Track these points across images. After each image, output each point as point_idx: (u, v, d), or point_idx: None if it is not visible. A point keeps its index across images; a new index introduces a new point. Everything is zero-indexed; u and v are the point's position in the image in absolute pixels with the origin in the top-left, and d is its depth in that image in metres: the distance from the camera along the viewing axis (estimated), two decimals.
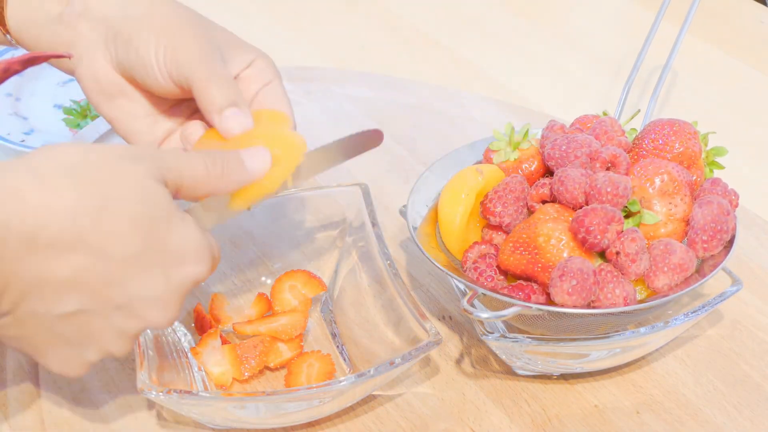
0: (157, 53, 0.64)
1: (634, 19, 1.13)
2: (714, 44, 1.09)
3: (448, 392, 0.70)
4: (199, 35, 0.65)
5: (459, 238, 0.70)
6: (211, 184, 0.59)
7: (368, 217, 0.73)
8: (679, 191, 0.67)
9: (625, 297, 0.63)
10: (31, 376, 0.69)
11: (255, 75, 0.67)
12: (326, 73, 1.00)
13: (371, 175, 0.85)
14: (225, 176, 0.59)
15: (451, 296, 0.77)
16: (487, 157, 0.73)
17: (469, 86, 1.02)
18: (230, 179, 0.59)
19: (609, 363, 0.70)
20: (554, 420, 0.68)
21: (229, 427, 0.66)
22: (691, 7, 0.83)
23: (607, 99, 1.00)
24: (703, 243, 0.66)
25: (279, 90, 0.67)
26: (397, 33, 1.11)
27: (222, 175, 0.59)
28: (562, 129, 0.73)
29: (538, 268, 0.64)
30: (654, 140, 0.70)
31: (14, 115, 0.95)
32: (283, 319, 0.71)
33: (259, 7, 1.14)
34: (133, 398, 0.68)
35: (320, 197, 0.76)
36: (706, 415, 0.69)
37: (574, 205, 0.66)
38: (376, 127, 0.66)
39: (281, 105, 0.67)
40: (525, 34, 1.12)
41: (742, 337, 0.75)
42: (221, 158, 0.59)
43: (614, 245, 0.64)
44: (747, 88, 1.03)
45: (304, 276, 0.74)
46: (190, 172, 0.58)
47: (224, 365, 0.69)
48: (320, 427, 0.67)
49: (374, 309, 0.71)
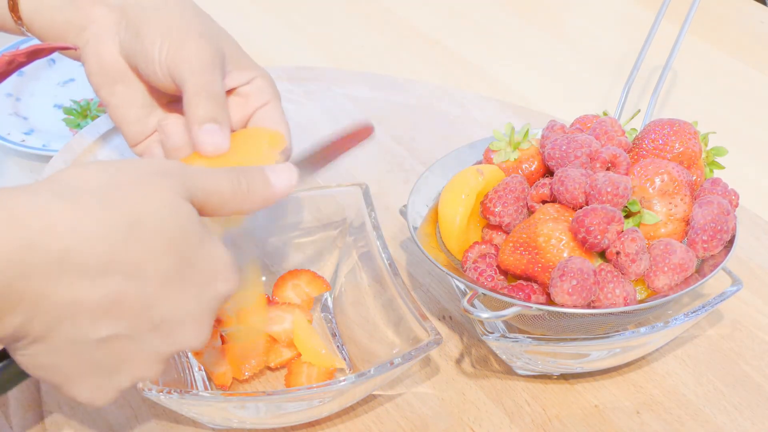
0: (161, 50, 0.64)
1: (634, 19, 1.13)
2: (714, 44, 1.09)
3: (448, 392, 0.70)
4: (205, 42, 0.65)
5: (459, 238, 0.70)
6: (237, 202, 0.57)
7: (368, 217, 0.73)
8: (679, 191, 0.67)
9: (625, 297, 0.63)
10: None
11: (254, 93, 0.67)
12: (326, 73, 1.00)
13: (371, 175, 0.85)
14: (250, 194, 0.57)
15: (451, 296, 0.77)
16: (487, 157, 0.73)
17: (469, 86, 1.02)
18: (255, 198, 0.58)
19: (609, 363, 0.70)
20: (554, 420, 0.68)
21: (229, 427, 0.66)
22: (691, 7, 0.83)
23: (607, 99, 1.00)
24: (703, 243, 0.66)
25: (277, 111, 0.67)
26: (397, 33, 1.11)
27: (248, 193, 0.57)
28: (562, 129, 0.73)
29: (538, 268, 0.64)
30: (654, 140, 0.70)
31: (14, 115, 0.95)
32: (286, 323, 0.71)
33: (259, 7, 1.14)
34: (133, 398, 0.68)
35: (320, 197, 0.76)
36: (706, 415, 0.69)
37: (574, 205, 0.66)
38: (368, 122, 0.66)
39: (278, 126, 0.67)
40: (525, 34, 1.12)
41: (742, 337, 0.75)
42: (246, 176, 0.58)
43: (614, 245, 0.64)
44: (747, 88, 1.04)
45: (308, 275, 0.74)
46: (216, 189, 0.56)
47: (224, 365, 0.69)
48: (320, 427, 0.67)
49: (374, 309, 0.71)
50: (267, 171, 0.59)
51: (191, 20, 0.66)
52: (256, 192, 0.58)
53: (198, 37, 0.65)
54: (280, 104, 0.68)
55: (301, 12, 1.14)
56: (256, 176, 0.58)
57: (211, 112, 0.63)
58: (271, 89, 0.68)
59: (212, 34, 0.66)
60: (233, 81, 0.67)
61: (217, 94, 0.64)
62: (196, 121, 0.63)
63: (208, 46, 0.65)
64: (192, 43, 0.64)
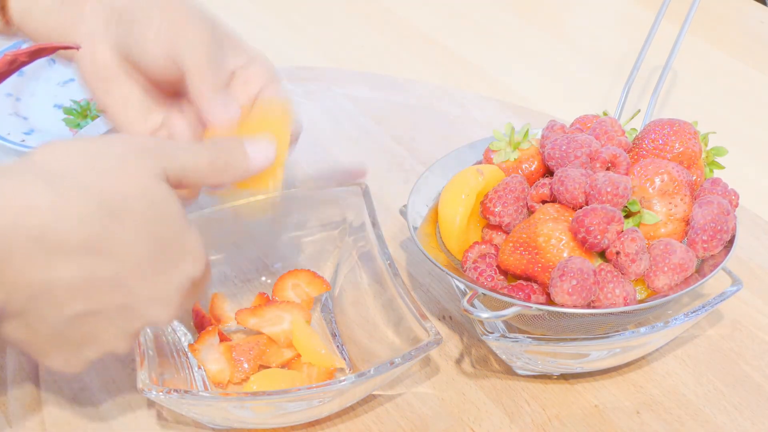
0: (158, 32, 0.64)
1: (634, 19, 1.13)
2: (714, 44, 1.09)
3: (448, 392, 0.70)
4: (201, 24, 0.65)
5: (459, 238, 0.70)
6: (216, 176, 0.59)
7: (368, 217, 0.73)
8: (679, 191, 0.67)
9: (625, 297, 0.63)
10: (31, 375, 0.69)
11: (254, 75, 0.67)
12: (326, 73, 1.00)
13: (371, 175, 0.85)
14: (229, 168, 0.59)
15: (451, 296, 0.77)
16: (487, 157, 0.73)
17: (469, 86, 1.02)
18: (234, 171, 0.60)
19: (609, 363, 0.70)
20: (554, 420, 0.68)
21: (229, 427, 0.66)
22: (691, 7, 0.83)
23: (607, 99, 1.00)
24: (703, 243, 0.66)
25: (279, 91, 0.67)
26: (397, 33, 1.11)
27: (225, 167, 0.59)
28: (562, 129, 0.73)
29: (538, 268, 0.64)
30: (654, 140, 0.70)
31: (14, 115, 0.95)
32: (285, 323, 0.71)
33: (259, 7, 1.14)
34: (133, 398, 0.68)
35: (320, 197, 0.76)
36: (706, 415, 0.69)
37: (574, 205, 0.66)
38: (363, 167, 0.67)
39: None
40: (525, 34, 1.12)
41: (742, 337, 0.75)
42: (225, 150, 0.59)
43: (614, 245, 0.64)
44: (747, 88, 1.04)
45: (308, 275, 0.74)
46: (194, 163, 0.58)
47: (221, 363, 0.69)
48: (320, 427, 0.67)
49: (374, 309, 0.71)
50: (246, 143, 0.61)
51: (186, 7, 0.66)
52: (234, 165, 0.60)
53: (194, 20, 0.65)
54: (281, 85, 0.68)
55: (301, 12, 1.14)
56: (235, 149, 0.60)
57: (218, 84, 0.63)
58: (271, 72, 0.68)
59: (208, 18, 0.66)
60: (233, 62, 0.67)
61: (221, 67, 0.64)
62: (205, 94, 0.63)
63: (206, 26, 0.65)
64: (190, 23, 0.64)
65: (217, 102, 0.63)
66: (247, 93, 0.67)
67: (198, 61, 0.63)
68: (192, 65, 0.63)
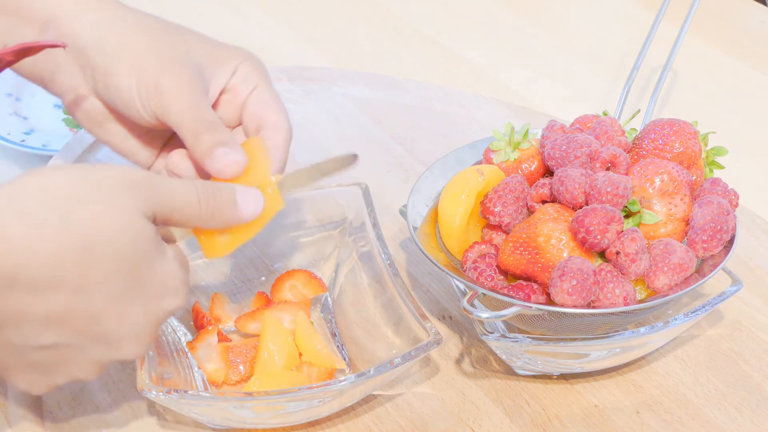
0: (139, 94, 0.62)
1: (634, 19, 1.13)
2: (714, 44, 1.09)
3: (448, 392, 0.70)
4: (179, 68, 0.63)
5: (459, 238, 0.70)
6: (202, 220, 0.58)
7: (368, 217, 0.73)
8: (679, 191, 0.67)
9: (625, 297, 0.63)
10: None
11: (240, 83, 0.66)
12: (326, 73, 1.00)
13: (371, 175, 0.85)
14: (216, 215, 0.58)
15: (451, 296, 0.77)
16: (487, 157, 0.73)
17: (470, 86, 1.02)
18: (220, 218, 0.59)
19: (609, 363, 0.70)
20: (554, 420, 0.68)
21: (229, 427, 0.66)
22: (691, 7, 0.83)
23: (607, 99, 1.00)
24: (703, 243, 0.66)
25: (267, 93, 0.66)
26: (397, 33, 1.11)
27: (213, 214, 0.58)
28: (562, 129, 0.73)
29: (538, 268, 0.64)
30: (654, 140, 0.70)
31: (14, 115, 0.95)
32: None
33: (259, 7, 1.14)
34: (133, 398, 0.68)
35: (320, 197, 0.76)
36: (706, 415, 0.69)
37: (574, 205, 0.66)
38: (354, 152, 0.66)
39: (270, 109, 0.66)
40: (525, 34, 1.12)
41: (742, 337, 0.75)
42: (215, 196, 0.58)
43: (614, 245, 0.64)
44: (747, 88, 1.04)
45: (305, 276, 0.74)
46: (182, 204, 0.57)
47: (217, 363, 0.69)
48: (320, 427, 0.67)
49: (374, 309, 0.71)
50: (237, 193, 0.59)
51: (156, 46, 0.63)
52: (222, 213, 0.59)
53: (170, 65, 0.62)
54: (269, 84, 0.66)
55: (301, 12, 1.14)
56: (225, 197, 0.59)
57: (215, 139, 0.61)
58: (257, 71, 0.66)
59: (181, 50, 0.64)
60: (220, 80, 0.65)
61: (210, 119, 0.62)
62: (205, 153, 0.61)
63: (184, 72, 0.63)
64: (167, 75, 0.62)
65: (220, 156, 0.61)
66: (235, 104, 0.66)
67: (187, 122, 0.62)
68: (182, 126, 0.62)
